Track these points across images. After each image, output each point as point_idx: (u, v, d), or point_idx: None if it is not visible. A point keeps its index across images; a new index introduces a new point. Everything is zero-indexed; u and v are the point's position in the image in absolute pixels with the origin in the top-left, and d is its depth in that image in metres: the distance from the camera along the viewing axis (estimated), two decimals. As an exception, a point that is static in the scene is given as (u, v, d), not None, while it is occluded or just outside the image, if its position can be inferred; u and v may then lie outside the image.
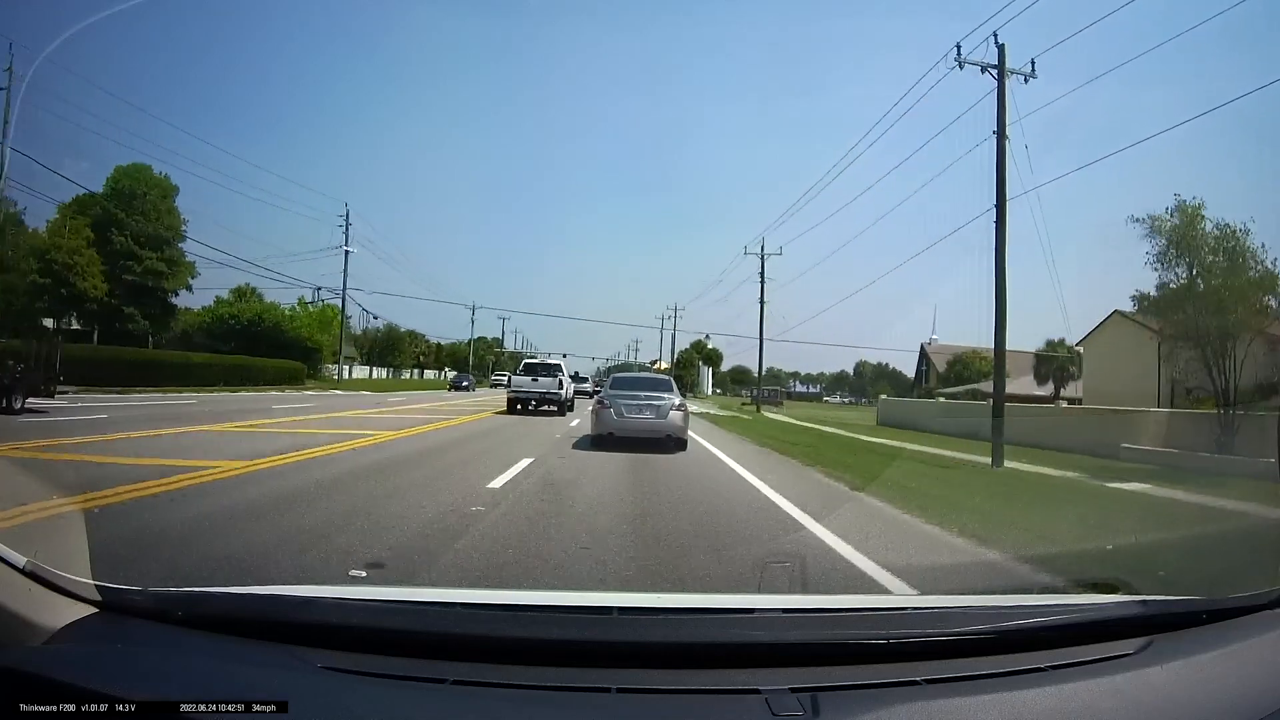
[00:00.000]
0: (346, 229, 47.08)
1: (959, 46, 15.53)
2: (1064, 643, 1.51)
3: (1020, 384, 37.09)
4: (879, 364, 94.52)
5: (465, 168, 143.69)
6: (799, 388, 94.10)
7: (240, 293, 49.87)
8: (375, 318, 64.13)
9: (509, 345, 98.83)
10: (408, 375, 75.30)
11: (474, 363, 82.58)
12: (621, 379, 15.23)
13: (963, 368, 50.34)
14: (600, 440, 12.85)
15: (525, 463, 10.02)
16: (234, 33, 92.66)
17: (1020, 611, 1.74)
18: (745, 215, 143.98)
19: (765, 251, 42.89)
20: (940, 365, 57.50)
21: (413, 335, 77.37)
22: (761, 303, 43.19)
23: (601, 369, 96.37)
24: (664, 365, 74.93)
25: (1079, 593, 3.06)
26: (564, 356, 67.46)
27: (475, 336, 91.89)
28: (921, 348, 62.56)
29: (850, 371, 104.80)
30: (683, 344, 77.75)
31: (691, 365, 77.92)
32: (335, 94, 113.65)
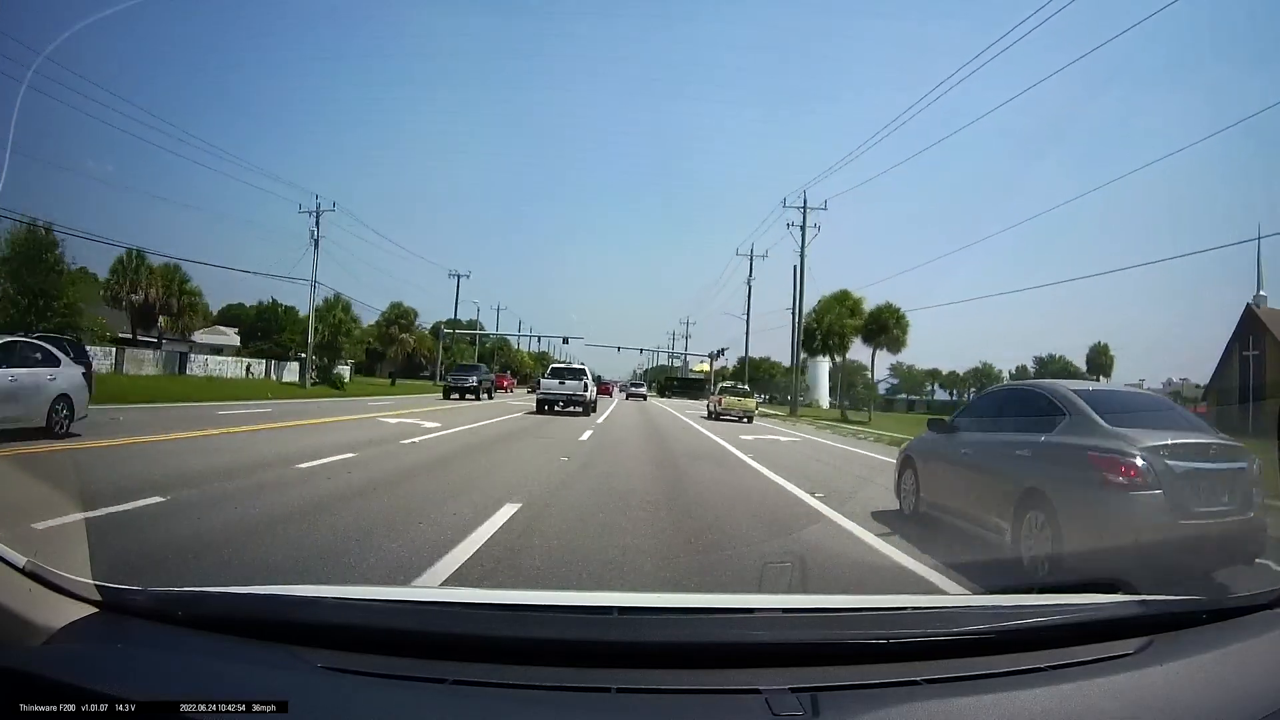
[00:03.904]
0: None
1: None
2: (1064, 643, 1.51)
3: None
4: (1050, 355, 62.52)
5: (476, 169, 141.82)
6: (940, 394, 67.22)
7: None
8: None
9: (489, 326, 66.85)
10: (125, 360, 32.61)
11: (319, 340, 39.32)
12: (1112, 396, 6.31)
13: None
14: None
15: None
16: (237, 36, 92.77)
17: (1020, 611, 1.74)
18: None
19: None
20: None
21: (132, 264, 36.26)
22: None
23: (639, 371, 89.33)
24: (711, 366, 49.98)
25: (1079, 592, 3.06)
26: (565, 341, 67.51)
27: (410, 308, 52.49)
28: (1248, 310, 33.92)
29: (970, 369, 70.62)
30: (697, 342, 47.63)
31: (832, 344, 39.34)
32: (339, 96, 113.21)
